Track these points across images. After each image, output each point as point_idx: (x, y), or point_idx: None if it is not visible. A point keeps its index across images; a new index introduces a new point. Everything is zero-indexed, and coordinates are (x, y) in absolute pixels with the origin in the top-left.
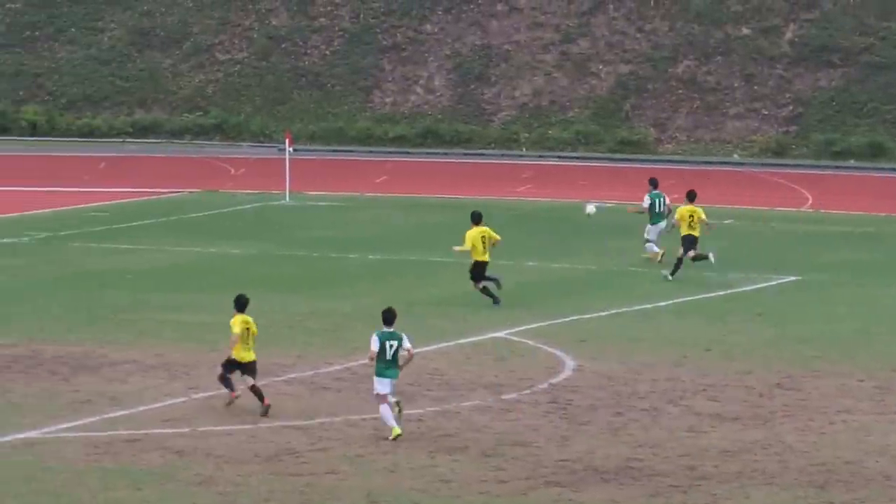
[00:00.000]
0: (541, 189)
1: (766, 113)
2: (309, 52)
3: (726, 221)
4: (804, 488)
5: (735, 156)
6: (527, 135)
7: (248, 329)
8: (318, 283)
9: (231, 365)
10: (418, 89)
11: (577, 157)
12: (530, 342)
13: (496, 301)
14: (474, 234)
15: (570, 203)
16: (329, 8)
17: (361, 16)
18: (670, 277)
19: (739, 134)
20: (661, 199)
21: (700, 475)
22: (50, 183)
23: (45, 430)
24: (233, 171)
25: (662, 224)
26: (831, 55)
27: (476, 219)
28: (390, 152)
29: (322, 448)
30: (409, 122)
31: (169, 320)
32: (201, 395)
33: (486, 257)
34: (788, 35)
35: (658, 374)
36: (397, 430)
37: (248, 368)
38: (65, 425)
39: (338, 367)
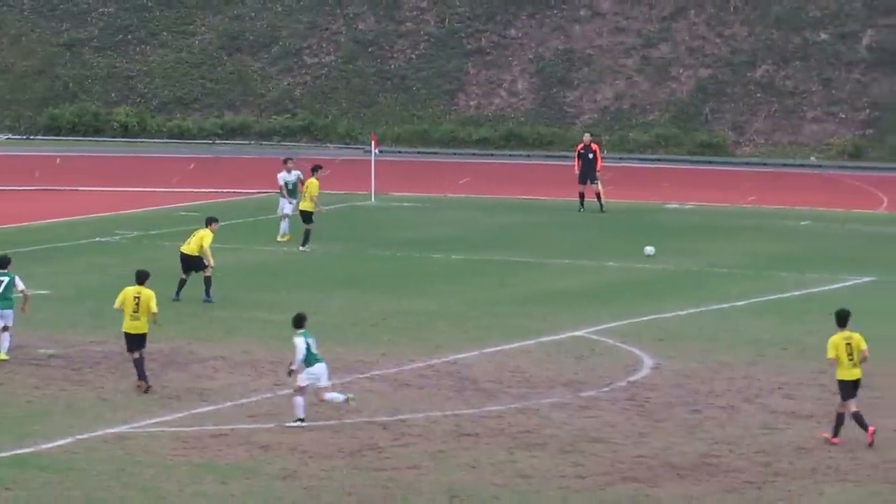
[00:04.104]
0: (621, 191)
1: (843, 116)
2: (395, 55)
3: (803, 223)
4: (877, 485)
5: (812, 158)
6: (607, 137)
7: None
8: (402, 283)
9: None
10: (502, 93)
11: (657, 160)
12: (609, 341)
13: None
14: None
15: (649, 204)
16: (415, 12)
17: (447, 20)
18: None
19: (816, 137)
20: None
21: (775, 472)
22: (141, 183)
23: (135, 424)
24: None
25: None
26: None
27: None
28: (474, 154)
29: (404, 444)
30: (493, 124)
31: (256, 318)
32: (287, 391)
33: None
34: (866, 40)
35: (734, 373)
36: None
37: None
38: (153, 420)
39: (420, 365)
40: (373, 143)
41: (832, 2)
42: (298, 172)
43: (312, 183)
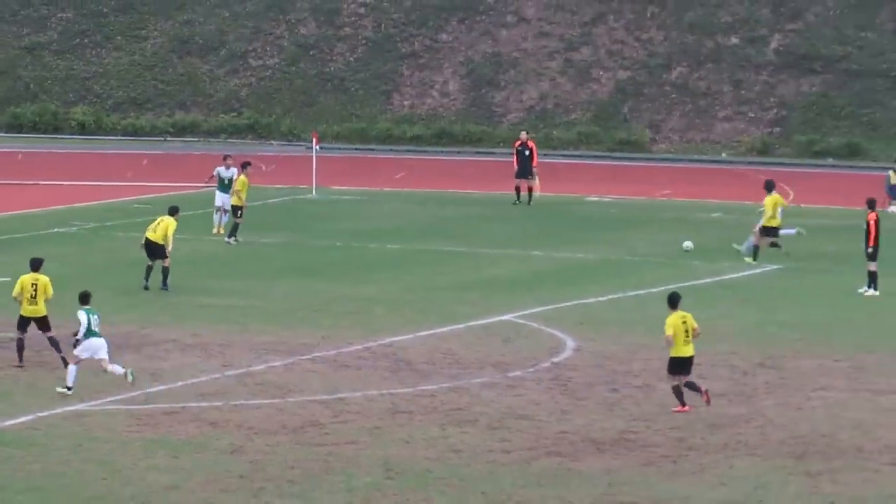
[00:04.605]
0: (545, 185)
1: (753, 115)
2: (334, 58)
3: (714, 215)
4: (783, 459)
5: (723, 155)
6: (533, 135)
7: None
8: (342, 271)
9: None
10: (434, 93)
11: (579, 156)
12: (534, 324)
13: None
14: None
15: (572, 197)
16: (353, 18)
17: (383, 26)
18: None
19: (727, 135)
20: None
21: (689, 446)
22: (97, 178)
23: (92, 403)
24: (264, 167)
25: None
26: (812, 63)
27: None
28: (408, 151)
29: (343, 420)
30: (426, 123)
31: (205, 304)
32: (234, 371)
33: None
34: (773, 44)
35: (651, 354)
36: None
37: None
38: (110, 399)
39: (358, 347)
40: (314, 140)
41: (742, 8)
42: (235, 170)
43: (241, 180)
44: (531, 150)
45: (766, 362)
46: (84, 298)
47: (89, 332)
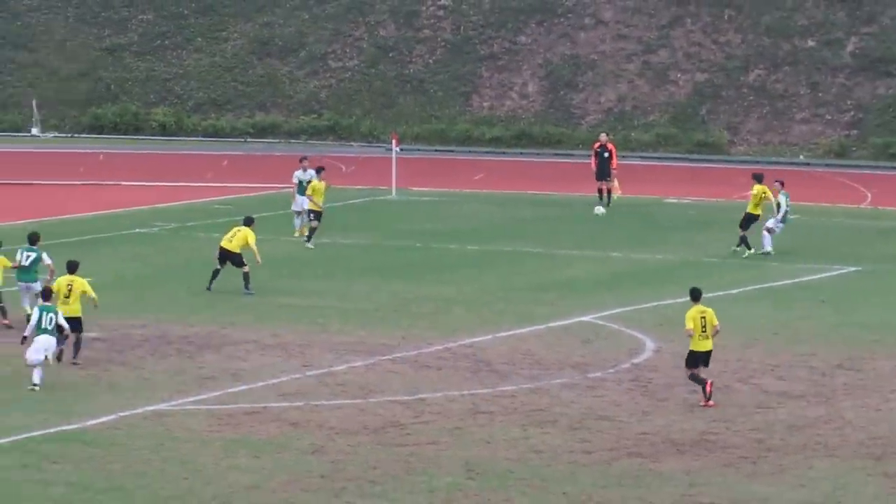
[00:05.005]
0: (624, 187)
1: (829, 118)
2: (414, 60)
3: (792, 217)
4: (862, 460)
5: (801, 157)
6: (611, 137)
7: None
8: (422, 271)
9: None
10: (513, 94)
11: (658, 158)
12: (614, 325)
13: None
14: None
15: (650, 199)
16: (432, 20)
17: (462, 28)
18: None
19: (805, 137)
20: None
21: (768, 447)
22: (178, 178)
23: (173, 403)
24: (344, 168)
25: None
26: (888, 65)
27: None
28: (487, 152)
29: (424, 421)
30: (505, 124)
31: (285, 304)
32: (314, 371)
33: None
34: (850, 47)
35: (730, 356)
36: None
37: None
38: (190, 399)
39: (438, 347)
40: (393, 141)
41: (818, 11)
42: (313, 171)
43: (315, 185)
44: (610, 152)
45: (845, 364)
46: (45, 295)
47: (41, 330)
